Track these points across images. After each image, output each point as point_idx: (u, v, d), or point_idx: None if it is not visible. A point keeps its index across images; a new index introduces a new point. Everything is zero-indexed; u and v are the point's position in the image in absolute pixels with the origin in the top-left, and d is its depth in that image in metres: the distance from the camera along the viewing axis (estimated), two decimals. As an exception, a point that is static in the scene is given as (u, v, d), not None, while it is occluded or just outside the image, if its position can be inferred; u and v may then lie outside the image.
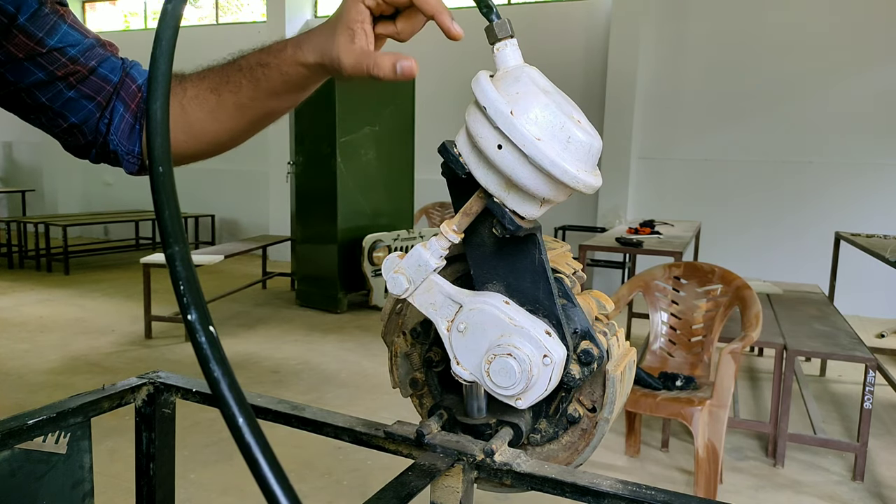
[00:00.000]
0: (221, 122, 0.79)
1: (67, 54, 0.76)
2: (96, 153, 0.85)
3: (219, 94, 0.77)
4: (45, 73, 0.76)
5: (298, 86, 0.74)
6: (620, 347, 0.70)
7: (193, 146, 0.82)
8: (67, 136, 0.83)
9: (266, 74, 0.73)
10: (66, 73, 0.77)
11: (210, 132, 0.80)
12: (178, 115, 0.79)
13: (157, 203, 0.35)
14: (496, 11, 0.60)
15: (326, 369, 4.13)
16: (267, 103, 0.77)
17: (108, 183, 9.71)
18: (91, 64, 0.78)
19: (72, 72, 0.77)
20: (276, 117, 0.81)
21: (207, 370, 0.32)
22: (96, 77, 0.79)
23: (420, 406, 0.76)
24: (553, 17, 7.04)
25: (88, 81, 0.79)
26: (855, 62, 5.96)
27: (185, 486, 2.56)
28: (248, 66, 0.74)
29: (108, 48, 0.82)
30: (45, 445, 0.76)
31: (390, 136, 5.78)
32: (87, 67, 0.78)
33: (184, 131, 0.80)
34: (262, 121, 0.81)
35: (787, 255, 6.20)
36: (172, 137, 0.81)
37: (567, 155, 0.55)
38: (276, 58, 0.72)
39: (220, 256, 5.13)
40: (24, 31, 0.72)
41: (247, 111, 0.77)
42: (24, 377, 3.86)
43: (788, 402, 2.88)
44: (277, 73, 0.72)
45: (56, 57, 0.75)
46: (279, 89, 0.74)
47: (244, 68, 0.74)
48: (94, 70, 0.79)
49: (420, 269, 0.62)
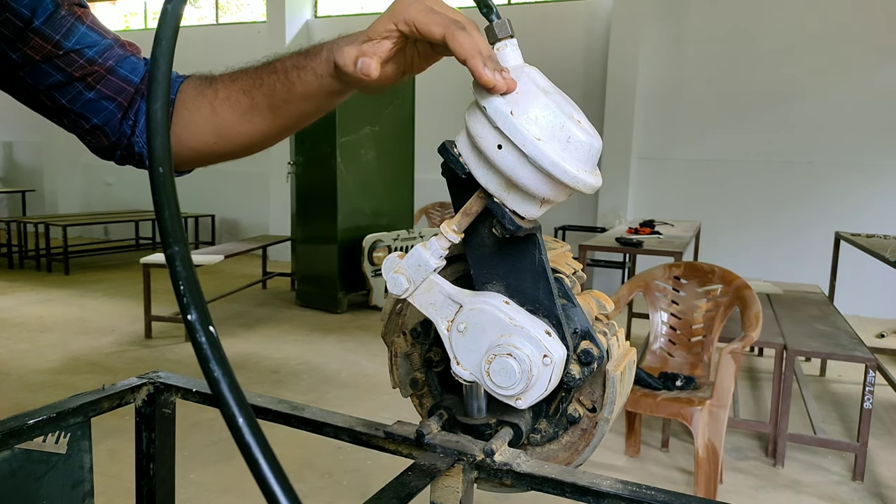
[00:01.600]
0: (254, 124, 0.78)
1: (85, 55, 0.76)
2: (121, 155, 0.85)
3: (251, 96, 0.76)
4: (63, 75, 0.76)
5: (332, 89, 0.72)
6: (620, 347, 0.70)
7: (224, 147, 0.82)
8: (91, 138, 0.82)
9: (301, 77, 0.71)
10: (84, 74, 0.76)
11: (242, 133, 0.80)
12: (208, 117, 0.79)
13: (157, 203, 0.35)
14: (496, 11, 0.60)
15: (326, 369, 4.13)
16: (301, 106, 0.75)
17: (108, 183, 9.71)
18: (109, 64, 0.78)
19: (89, 72, 0.77)
20: (310, 120, 0.79)
21: (207, 370, 0.32)
22: (115, 77, 0.79)
23: (420, 406, 0.76)
24: (553, 17, 7.04)
25: (107, 82, 0.78)
26: (855, 62, 5.96)
27: (185, 486, 2.56)
28: (284, 69, 0.73)
29: (129, 48, 0.81)
30: (45, 445, 0.76)
31: (390, 136, 5.78)
32: (104, 67, 0.78)
33: (214, 132, 0.80)
34: (296, 124, 0.79)
35: (787, 255, 6.20)
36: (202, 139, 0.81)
37: (567, 155, 0.55)
38: (312, 60, 0.71)
39: (220, 256, 5.13)
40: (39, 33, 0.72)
41: (280, 114, 0.76)
42: (24, 377, 3.86)
43: (788, 402, 2.88)
44: (313, 75, 0.71)
45: (73, 58, 0.75)
46: (313, 92, 0.72)
47: (279, 70, 0.73)
48: (112, 70, 0.78)
49: (420, 269, 0.62)
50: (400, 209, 6.03)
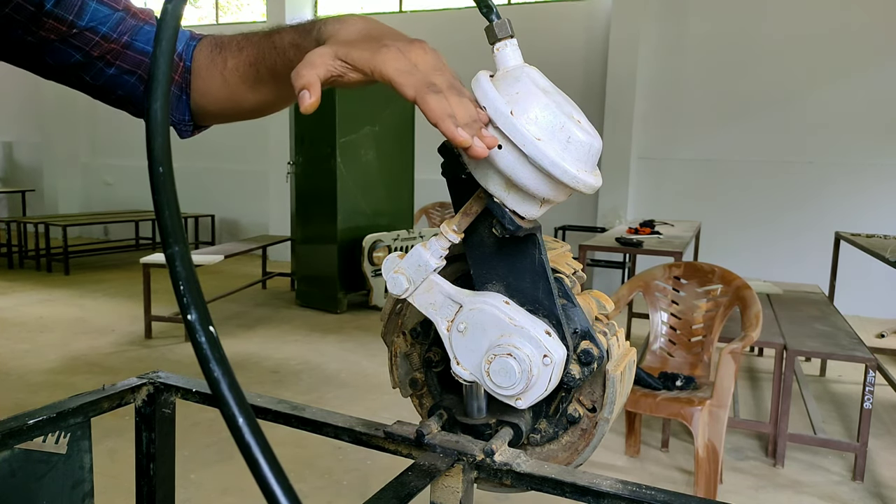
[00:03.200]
0: (263, 94, 0.79)
1: (99, 32, 0.76)
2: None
3: (257, 69, 0.76)
4: (82, 55, 0.76)
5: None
6: (620, 347, 0.70)
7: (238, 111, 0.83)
8: (121, 106, 0.84)
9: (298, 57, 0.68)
10: (102, 53, 0.77)
11: (252, 101, 0.81)
12: (221, 86, 0.80)
13: (157, 203, 0.35)
14: (496, 11, 0.60)
15: (326, 369, 4.13)
16: None
17: (108, 183, 9.71)
18: (125, 39, 0.78)
19: (107, 50, 0.77)
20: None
21: (207, 370, 0.32)
22: (133, 52, 0.79)
23: (420, 406, 0.76)
24: (553, 17, 7.04)
25: (125, 56, 0.79)
26: (855, 62, 5.96)
27: (185, 486, 2.56)
28: (283, 47, 0.73)
29: (141, 16, 0.81)
30: (45, 445, 0.76)
31: (390, 136, 5.78)
32: (120, 43, 0.78)
33: (227, 99, 0.81)
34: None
35: (787, 255, 6.20)
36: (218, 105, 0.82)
37: (567, 155, 0.55)
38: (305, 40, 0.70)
39: (220, 256, 5.14)
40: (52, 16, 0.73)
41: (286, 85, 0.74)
42: (24, 377, 3.86)
43: (788, 402, 2.88)
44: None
45: (89, 37, 0.76)
46: None
47: (278, 48, 0.73)
48: (128, 45, 0.79)
49: (420, 269, 0.62)
50: (400, 209, 6.03)
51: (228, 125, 0.96)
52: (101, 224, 9.01)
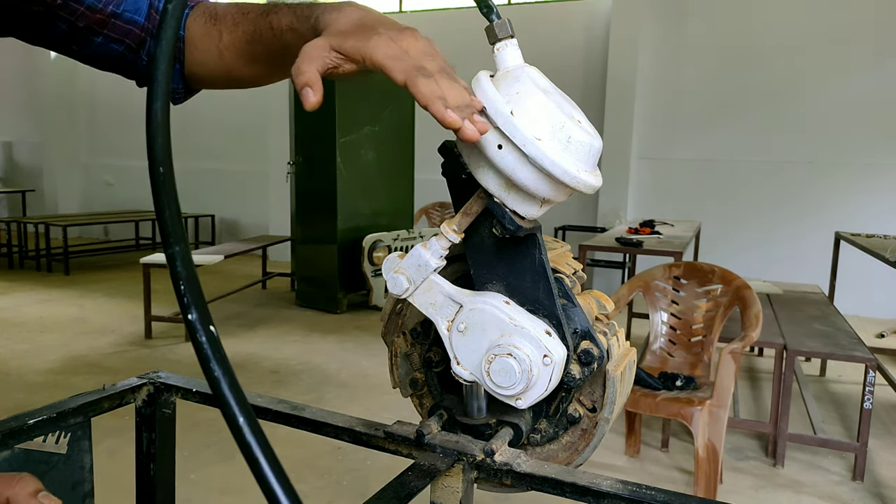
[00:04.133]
0: (259, 70, 0.79)
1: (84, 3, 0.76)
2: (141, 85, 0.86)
3: (253, 47, 0.76)
4: (67, 25, 0.76)
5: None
6: (620, 347, 0.70)
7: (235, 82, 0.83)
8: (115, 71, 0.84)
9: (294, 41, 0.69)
10: (89, 24, 0.77)
11: (249, 74, 0.81)
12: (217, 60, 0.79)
13: (158, 203, 0.35)
14: (496, 11, 0.60)
15: (326, 369, 4.13)
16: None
17: (109, 183, 9.71)
18: (110, 9, 0.78)
19: (93, 21, 0.77)
20: None
21: (208, 370, 0.32)
22: (120, 21, 0.79)
23: (420, 406, 0.76)
24: (553, 17, 7.04)
25: (112, 25, 0.79)
26: (855, 62, 5.96)
27: (185, 486, 2.55)
28: (280, 29, 0.72)
29: None
30: (45, 445, 0.76)
31: (390, 136, 5.78)
32: (105, 14, 0.78)
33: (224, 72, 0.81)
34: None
35: (787, 255, 6.20)
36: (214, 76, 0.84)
37: (567, 155, 0.55)
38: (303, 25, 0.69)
39: (220, 256, 5.13)
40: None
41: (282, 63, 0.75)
42: (24, 377, 3.86)
43: (788, 402, 2.88)
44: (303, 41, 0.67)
45: (73, 7, 0.75)
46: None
47: (275, 29, 0.72)
48: (115, 15, 0.79)
49: (420, 269, 0.62)
50: (400, 209, 6.03)
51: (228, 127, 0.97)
52: (101, 224, 9.01)
